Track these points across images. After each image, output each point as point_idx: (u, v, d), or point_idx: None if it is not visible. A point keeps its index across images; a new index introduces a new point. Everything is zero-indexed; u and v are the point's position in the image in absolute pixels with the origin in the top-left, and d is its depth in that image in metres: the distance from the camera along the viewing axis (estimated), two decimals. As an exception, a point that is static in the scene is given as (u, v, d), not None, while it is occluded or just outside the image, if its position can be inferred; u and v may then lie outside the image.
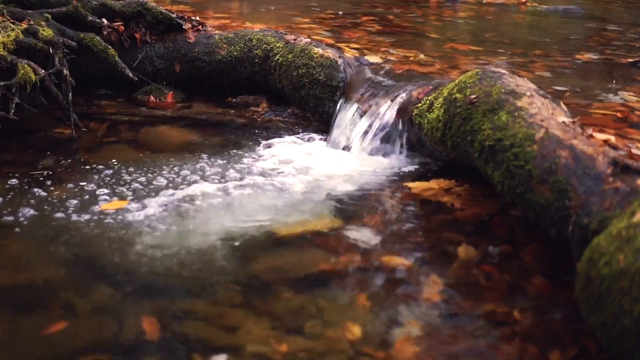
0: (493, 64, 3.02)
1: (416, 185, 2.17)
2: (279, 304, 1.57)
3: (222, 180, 2.23)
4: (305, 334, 1.46)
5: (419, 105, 2.33)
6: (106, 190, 2.11)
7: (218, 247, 1.81)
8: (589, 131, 1.72)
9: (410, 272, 1.72)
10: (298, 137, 2.67)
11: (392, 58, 3.05)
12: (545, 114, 1.79)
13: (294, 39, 2.96)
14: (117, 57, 2.89)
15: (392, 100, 2.49)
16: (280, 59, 2.90)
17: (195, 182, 2.20)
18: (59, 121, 2.70)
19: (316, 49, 2.84)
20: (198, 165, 2.34)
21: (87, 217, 1.94)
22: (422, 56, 3.18)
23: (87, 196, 2.07)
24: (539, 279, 1.66)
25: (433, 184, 2.17)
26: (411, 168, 2.37)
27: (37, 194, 2.07)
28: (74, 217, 1.94)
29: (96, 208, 1.99)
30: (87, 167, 2.30)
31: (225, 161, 2.40)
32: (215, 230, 1.89)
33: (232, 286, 1.65)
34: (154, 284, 1.64)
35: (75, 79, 2.69)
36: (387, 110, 2.47)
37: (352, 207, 2.08)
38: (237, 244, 1.83)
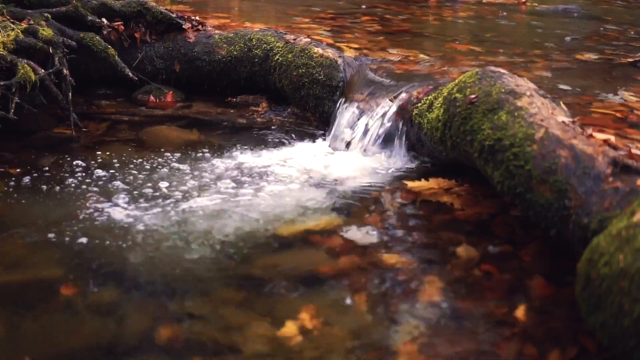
0: (493, 64, 3.02)
1: (416, 185, 2.17)
2: (278, 304, 1.57)
3: (221, 180, 2.23)
4: (304, 333, 1.46)
5: (419, 105, 2.33)
6: (105, 190, 2.11)
7: (217, 247, 1.81)
8: (589, 131, 1.72)
9: (410, 271, 1.72)
10: (298, 137, 2.67)
11: (392, 58, 3.05)
12: (545, 114, 1.79)
13: (294, 39, 2.96)
14: (117, 56, 2.89)
15: (391, 100, 2.49)
16: (280, 59, 2.90)
17: (194, 181, 2.20)
18: (59, 121, 2.70)
19: (316, 48, 2.84)
20: (197, 165, 2.34)
21: (86, 216, 1.94)
22: (422, 56, 3.18)
23: (86, 196, 2.07)
24: (539, 279, 1.66)
25: (433, 183, 2.17)
26: (411, 168, 2.36)
27: (36, 193, 2.07)
28: (73, 216, 1.94)
29: (95, 207, 1.99)
30: (87, 166, 2.29)
31: (224, 161, 2.39)
32: (215, 230, 1.89)
33: (231, 285, 1.65)
34: (152, 283, 1.64)
35: (75, 79, 2.69)
36: (387, 110, 2.47)
37: (352, 207, 2.08)
38: (236, 243, 1.83)
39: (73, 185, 2.15)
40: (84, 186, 2.14)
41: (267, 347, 1.42)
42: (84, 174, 2.23)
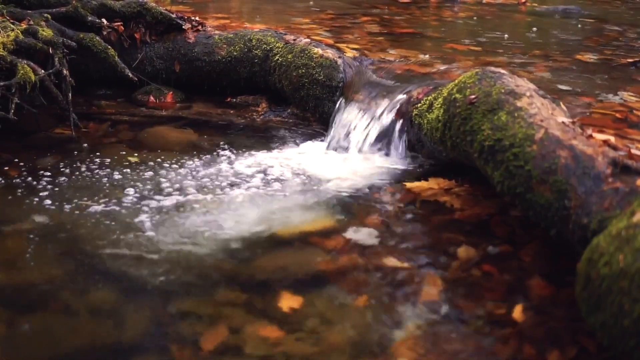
0: (493, 64, 3.02)
1: (416, 186, 2.17)
2: (278, 304, 1.57)
3: (220, 180, 2.23)
4: (304, 334, 1.46)
5: (419, 105, 2.33)
6: (105, 190, 2.11)
7: (216, 247, 1.81)
8: (589, 131, 1.72)
9: (410, 272, 1.72)
10: (297, 137, 2.67)
11: (391, 58, 3.05)
12: (545, 114, 1.79)
13: (294, 39, 2.96)
14: (116, 57, 2.89)
15: (391, 100, 2.49)
16: (280, 59, 2.90)
17: (194, 182, 2.20)
18: (59, 121, 2.70)
19: (316, 49, 2.84)
20: (196, 165, 2.34)
21: (86, 216, 1.94)
22: (422, 56, 3.18)
23: (86, 196, 2.07)
24: (538, 279, 1.66)
25: (433, 184, 2.17)
26: (411, 168, 2.36)
27: (37, 194, 2.07)
28: (73, 216, 1.94)
29: (95, 207, 1.99)
30: (87, 167, 2.29)
31: (224, 161, 2.39)
32: (214, 230, 1.89)
33: (232, 286, 1.65)
34: (153, 283, 1.64)
35: (75, 79, 2.69)
36: (387, 110, 2.47)
37: (352, 207, 2.08)
38: (236, 244, 1.83)
39: (73, 185, 2.15)
40: (84, 186, 2.14)
41: (267, 347, 1.42)
42: (84, 175, 2.23)
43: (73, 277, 1.67)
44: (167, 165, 2.34)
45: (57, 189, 2.12)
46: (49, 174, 2.23)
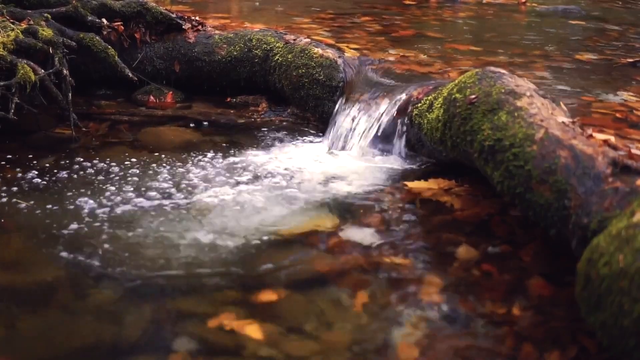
0: (493, 64, 3.02)
1: (416, 185, 2.17)
2: (278, 304, 1.57)
3: (221, 180, 2.23)
4: (304, 334, 1.46)
5: (419, 105, 2.33)
6: (105, 190, 2.11)
7: (217, 247, 1.81)
8: (589, 131, 1.72)
9: (410, 272, 1.72)
10: (297, 137, 2.67)
11: (391, 58, 3.05)
12: (545, 114, 1.79)
13: (294, 39, 2.96)
14: (116, 57, 2.89)
15: (391, 100, 2.49)
16: (280, 59, 2.90)
17: (193, 181, 2.20)
18: (59, 121, 2.70)
19: (316, 49, 2.84)
20: (196, 166, 2.34)
21: (86, 216, 1.94)
22: (422, 56, 3.18)
23: (86, 195, 2.07)
24: (538, 279, 1.66)
25: (433, 184, 2.17)
26: (411, 168, 2.36)
27: (36, 193, 2.07)
28: (73, 216, 1.94)
29: (95, 207, 1.99)
30: (87, 167, 2.29)
31: (224, 161, 2.39)
32: (214, 230, 1.89)
33: (231, 286, 1.65)
34: (152, 282, 1.64)
35: (75, 79, 2.69)
36: (387, 110, 2.47)
37: (352, 207, 2.08)
38: (236, 244, 1.83)
39: (73, 185, 2.15)
40: (84, 186, 2.14)
41: (266, 347, 1.42)
42: (84, 174, 2.23)
43: (73, 276, 1.67)
44: (167, 165, 2.34)
45: (56, 188, 2.12)
46: (48, 173, 2.23)
